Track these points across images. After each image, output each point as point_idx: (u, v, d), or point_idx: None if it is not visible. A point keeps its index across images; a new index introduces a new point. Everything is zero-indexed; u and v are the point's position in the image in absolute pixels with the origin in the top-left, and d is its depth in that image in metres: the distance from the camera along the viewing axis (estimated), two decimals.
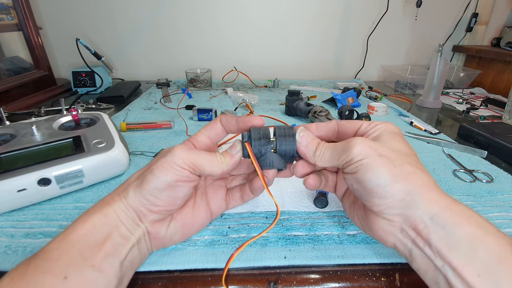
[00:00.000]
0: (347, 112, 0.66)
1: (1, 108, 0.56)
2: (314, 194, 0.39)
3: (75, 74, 0.91)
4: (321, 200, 0.37)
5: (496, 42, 1.09)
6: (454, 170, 0.47)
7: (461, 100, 0.88)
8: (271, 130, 0.29)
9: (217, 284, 0.27)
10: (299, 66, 1.19)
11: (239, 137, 0.30)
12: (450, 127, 0.69)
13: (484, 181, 0.44)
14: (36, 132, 0.44)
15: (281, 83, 1.06)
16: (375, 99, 0.89)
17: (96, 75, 0.91)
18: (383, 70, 1.18)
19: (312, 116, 0.64)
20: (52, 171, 0.36)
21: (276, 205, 0.28)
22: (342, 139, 0.28)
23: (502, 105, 0.79)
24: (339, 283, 0.27)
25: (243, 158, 0.29)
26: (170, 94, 0.90)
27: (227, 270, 0.26)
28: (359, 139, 0.25)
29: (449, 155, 0.52)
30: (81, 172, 0.38)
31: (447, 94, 0.97)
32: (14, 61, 0.88)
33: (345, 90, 0.86)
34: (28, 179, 0.35)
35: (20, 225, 0.33)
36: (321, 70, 1.21)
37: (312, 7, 1.10)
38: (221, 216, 0.35)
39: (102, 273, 0.22)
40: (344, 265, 0.29)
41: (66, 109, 0.58)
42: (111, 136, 0.45)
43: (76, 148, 0.41)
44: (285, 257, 0.29)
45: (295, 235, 0.32)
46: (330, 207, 0.37)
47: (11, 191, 0.34)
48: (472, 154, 0.53)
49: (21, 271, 0.21)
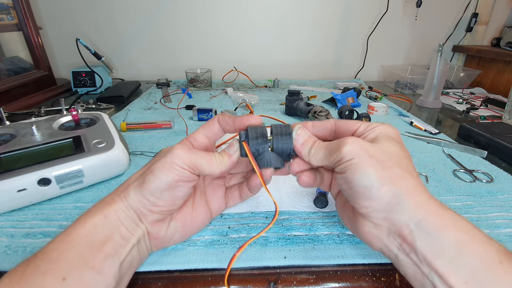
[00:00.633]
0: (347, 112, 0.66)
1: (1, 108, 0.56)
2: (314, 194, 0.39)
3: (75, 74, 0.91)
4: (321, 200, 0.37)
5: (496, 42, 1.09)
6: (454, 170, 0.47)
7: (461, 100, 0.88)
8: (268, 129, 0.29)
9: (217, 284, 0.27)
10: (299, 66, 1.19)
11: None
12: (450, 127, 0.69)
13: (484, 181, 0.44)
14: (36, 132, 0.44)
15: (281, 83, 1.06)
16: (375, 99, 0.89)
17: (96, 75, 0.91)
18: (383, 70, 1.18)
19: (312, 116, 0.64)
20: (52, 171, 0.36)
21: (274, 202, 0.28)
22: (339, 138, 0.28)
23: (502, 105, 0.79)
24: (339, 283, 0.27)
25: (241, 157, 0.29)
26: (170, 94, 0.90)
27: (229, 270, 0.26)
28: (351, 138, 0.24)
29: (449, 155, 0.52)
30: (81, 172, 0.38)
31: (447, 94, 0.97)
32: (14, 61, 0.88)
33: (345, 90, 0.86)
34: (28, 179, 0.35)
35: (20, 225, 0.33)
36: (321, 70, 1.21)
37: (312, 7, 1.10)
38: (221, 216, 0.35)
39: (102, 275, 0.22)
40: (344, 265, 0.29)
41: (66, 109, 0.58)
42: (111, 136, 0.45)
43: (76, 148, 0.41)
44: (285, 257, 0.29)
45: (295, 235, 0.32)
46: (330, 207, 0.37)
47: (11, 191, 0.34)
48: (472, 154, 0.53)
49: (20, 272, 0.20)
